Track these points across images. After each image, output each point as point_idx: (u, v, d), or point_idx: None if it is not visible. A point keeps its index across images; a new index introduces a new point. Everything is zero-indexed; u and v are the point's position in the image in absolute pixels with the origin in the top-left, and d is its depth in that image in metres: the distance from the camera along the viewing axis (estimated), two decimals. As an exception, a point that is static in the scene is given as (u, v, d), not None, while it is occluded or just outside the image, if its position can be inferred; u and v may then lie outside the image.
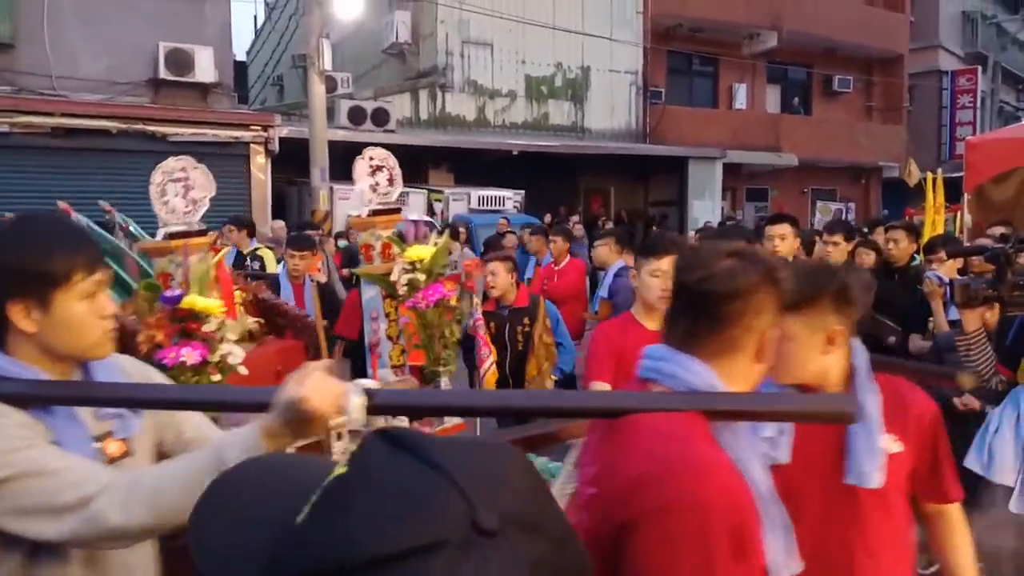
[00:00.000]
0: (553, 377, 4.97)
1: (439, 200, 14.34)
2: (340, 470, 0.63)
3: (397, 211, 3.75)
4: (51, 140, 11.07)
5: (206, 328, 2.47)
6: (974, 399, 3.83)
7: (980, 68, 23.66)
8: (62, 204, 3.53)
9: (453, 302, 3.25)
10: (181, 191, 2.89)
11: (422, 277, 3.30)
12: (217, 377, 2.46)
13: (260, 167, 12.50)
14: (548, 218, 14.41)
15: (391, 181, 3.77)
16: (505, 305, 5.00)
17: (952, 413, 4.13)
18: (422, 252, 3.35)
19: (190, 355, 2.38)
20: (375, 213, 3.68)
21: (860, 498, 1.84)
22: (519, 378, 4.88)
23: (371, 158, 3.78)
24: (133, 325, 2.52)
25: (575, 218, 14.83)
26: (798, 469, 1.87)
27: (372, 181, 3.73)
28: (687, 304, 1.41)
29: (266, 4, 23.82)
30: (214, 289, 3.17)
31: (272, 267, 7.21)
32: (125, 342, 2.34)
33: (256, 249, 7.71)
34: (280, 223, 10.67)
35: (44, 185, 11.03)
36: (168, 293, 2.49)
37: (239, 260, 7.55)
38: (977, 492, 3.68)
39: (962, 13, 24.95)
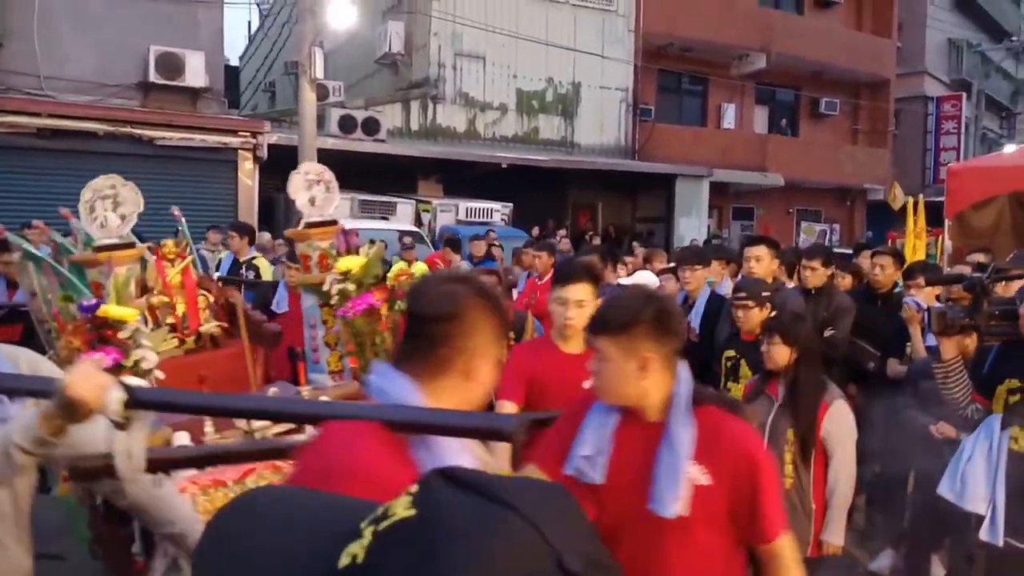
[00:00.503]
0: None
1: (427, 211, 14.34)
2: (403, 513, 0.61)
3: (334, 223, 3.89)
4: (36, 141, 10.97)
5: (121, 335, 2.68)
6: (949, 427, 3.87)
7: (964, 95, 23.97)
8: (63, 210, 3.63)
9: (383, 311, 3.37)
10: (110, 207, 3.10)
11: (352, 287, 3.46)
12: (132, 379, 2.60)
13: (248, 173, 12.46)
14: (536, 232, 14.44)
15: (328, 193, 3.92)
16: None
17: (928, 440, 4.17)
18: (353, 263, 3.51)
19: (103, 359, 2.52)
20: (311, 225, 3.83)
21: (664, 526, 1.84)
22: None
23: (307, 172, 3.90)
24: None
25: (562, 232, 14.87)
26: (612, 491, 1.92)
27: (309, 194, 3.85)
28: (408, 325, 1.50)
29: (260, 10, 23.83)
30: (179, 294, 3.45)
31: (267, 277, 7.30)
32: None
33: (253, 258, 7.67)
34: (267, 235, 10.57)
35: (28, 186, 10.93)
36: (84, 302, 2.67)
37: (235, 267, 7.53)
38: (950, 520, 3.72)
39: (948, 40, 25.30)
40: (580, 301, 2.84)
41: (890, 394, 4.61)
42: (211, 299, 3.81)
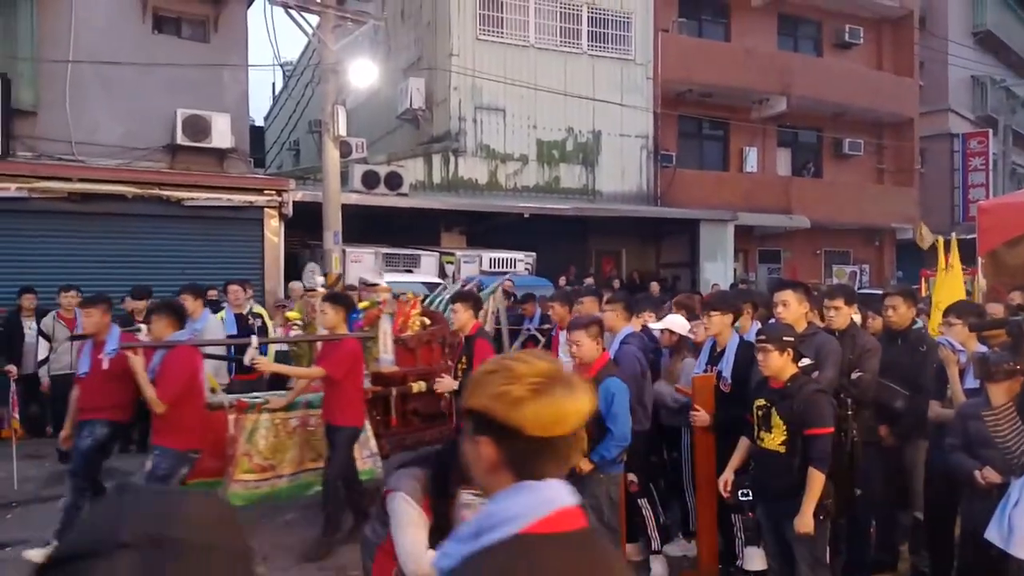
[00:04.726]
0: (591, 462, 4.37)
1: (451, 262, 14.36)
2: None
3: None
4: (68, 205, 11.21)
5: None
6: (994, 473, 3.69)
7: (991, 131, 23.73)
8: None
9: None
10: (312, 276, 6.67)
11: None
12: None
13: (274, 230, 12.60)
14: (563, 281, 14.38)
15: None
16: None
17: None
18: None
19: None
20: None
21: None
22: None
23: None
24: None
25: (589, 280, 14.79)
26: None
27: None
28: None
29: (283, 72, 24.40)
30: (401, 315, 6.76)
31: (269, 322, 8.90)
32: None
33: (252, 309, 8.83)
34: (298, 284, 10.87)
35: (60, 249, 11.15)
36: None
37: (241, 318, 8.47)
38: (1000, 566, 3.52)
39: (971, 77, 25.18)
40: None
41: (934, 437, 4.44)
42: (425, 320, 6.94)
